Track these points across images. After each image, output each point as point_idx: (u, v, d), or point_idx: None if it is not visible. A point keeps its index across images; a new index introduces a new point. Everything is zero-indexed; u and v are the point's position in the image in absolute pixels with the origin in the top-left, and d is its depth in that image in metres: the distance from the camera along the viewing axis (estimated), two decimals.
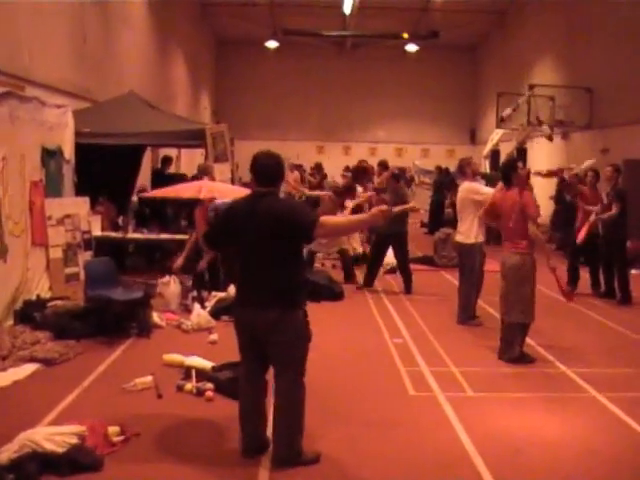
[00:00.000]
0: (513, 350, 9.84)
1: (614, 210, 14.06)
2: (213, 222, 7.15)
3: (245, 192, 7.55)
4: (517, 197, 9.81)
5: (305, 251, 16.51)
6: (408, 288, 15.05)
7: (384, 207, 6.38)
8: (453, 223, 14.62)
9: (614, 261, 14.50)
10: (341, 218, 6.76)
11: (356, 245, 18.39)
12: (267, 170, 6.57)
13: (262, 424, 6.78)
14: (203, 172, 13.28)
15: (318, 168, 20.10)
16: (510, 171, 10.14)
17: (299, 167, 29.41)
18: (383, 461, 6.66)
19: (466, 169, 12.52)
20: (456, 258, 13.76)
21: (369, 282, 15.39)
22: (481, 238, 12.09)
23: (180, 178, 18.66)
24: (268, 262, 6.39)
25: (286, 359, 6.50)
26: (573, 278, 15.02)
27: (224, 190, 9.15)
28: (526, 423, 7.70)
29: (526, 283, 9.78)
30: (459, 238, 12.32)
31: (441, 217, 26.46)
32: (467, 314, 12.20)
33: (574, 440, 7.27)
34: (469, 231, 12.03)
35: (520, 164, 10.45)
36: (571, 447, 7.08)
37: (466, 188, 12.23)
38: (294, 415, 6.54)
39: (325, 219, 6.34)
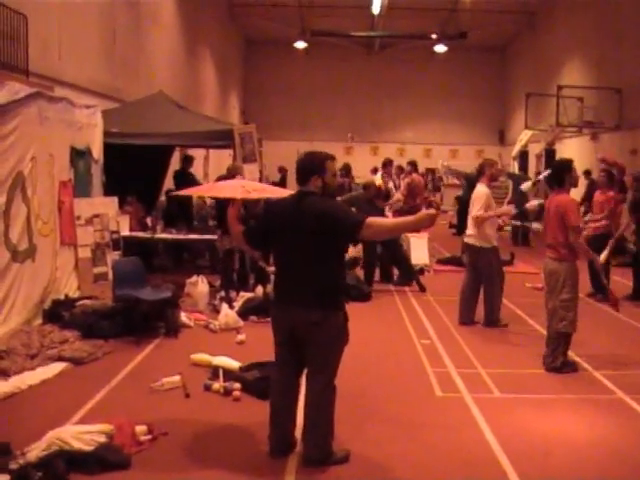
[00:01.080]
0: (556, 359, 9.57)
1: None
2: (256, 220, 7.12)
3: (289, 192, 7.50)
4: (562, 202, 9.46)
5: None
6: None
7: (432, 211, 6.31)
8: None
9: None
10: (388, 220, 6.66)
11: None
12: (300, 168, 6.56)
13: (292, 425, 6.77)
14: (233, 172, 13.30)
15: (346, 170, 19.58)
16: (564, 172, 9.71)
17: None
18: (410, 461, 6.64)
19: (486, 169, 12.27)
20: None
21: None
22: (494, 240, 11.99)
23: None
24: (311, 261, 6.36)
25: (322, 360, 6.49)
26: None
27: (269, 189, 9.06)
28: (552, 424, 7.66)
29: (565, 291, 9.42)
30: (470, 240, 12.13)
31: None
32: (494, 317, 12.08)
33: (601, 442, 7.22)
34: (481, 234, 11.92)
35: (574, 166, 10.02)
36: (598, 449, 7.04)
37: (477, 191, 12.11)
38: (325, 416, 6.54)
39: (371, 220, 6.23)
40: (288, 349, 6.63)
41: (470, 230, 12.12)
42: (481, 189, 12.02)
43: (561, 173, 9.76)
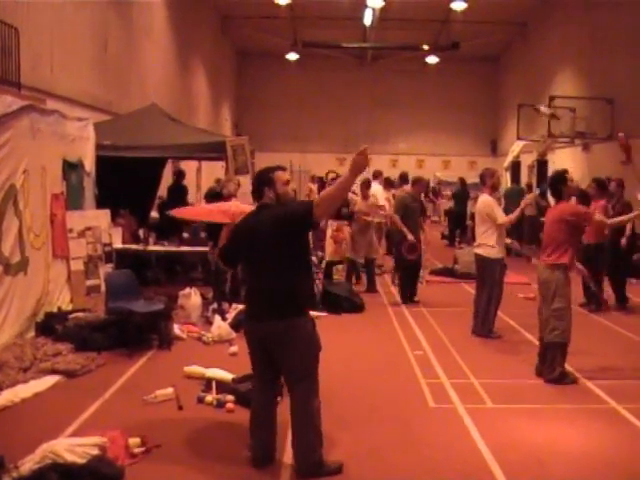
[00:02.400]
0: (553, 370, 9.52)
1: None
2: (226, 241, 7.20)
3: None
4: (565, 209, 9.58)
5: (324, 263, 16.61)
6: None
7: (361, 149, 6.25)
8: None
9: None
10: (328, 188, 6.67)
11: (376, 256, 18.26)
12: (253, 184, 6.85)
13: (272, 436, 6.80)
14: (222, 186, 13.31)
15: (367, 186, 18.38)
16: (559, 184, 9.79)
17: (320, 179, 29.51)
18: (403, 472, 6.64)
19: (487, 180, 12.27)
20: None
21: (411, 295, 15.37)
22: (502, 252, 12.03)
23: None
24: (275, 269, 6.44)
25: (298, 370, 6.51)
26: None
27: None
28: (546, 434, 7.67)
29: (557, 300, 9.44)
30: (479, 251, 12.16)
31: (462, 228, 26.45)
32: (486, 328, 12.10)
33: (594, 452, 7.23)
34: (488, 244, 11.96)
35: (570, 177, 10.07)
36: (591, 459, 7.04)
37: (483, 201, 12.11)
38: (311, 426, 6.53)
39: (317, 197, 6.39)
40: (263, 362, 6.70)
41: (479, 240, 12.17)
42: (486, 199, 12.06)
43: (557, 185, 9.83)
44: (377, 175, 21.19)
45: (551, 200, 10.81)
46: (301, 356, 6.47)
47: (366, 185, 16.98)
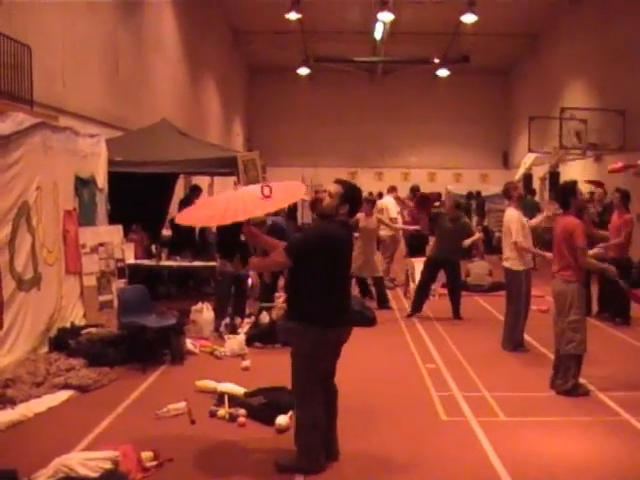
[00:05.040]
0: (566, 382, 9.48)
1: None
2: (303, 237, 7.25)
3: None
4: (568, 224, 9.44)
5: None
6: (456, 312, 15.08)
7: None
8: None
9: None
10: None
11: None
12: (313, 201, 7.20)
13: (330, 434, 7.12)
14: None
15: (370, 204, 17.95)
16: (569, 195, 9.69)
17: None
18: None
19: (512, 192, 12.29)
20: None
21: (418, 308, 15.34)
22: (526, 264, 12.03)
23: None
24: (348, 281, 7.39)
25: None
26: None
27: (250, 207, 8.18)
28: (559, 447, 7.65)
29: (572, 312, 9.41)
30: (507, 264, 12.10)
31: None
32: (513, 343, 12.04)
33: (608, 464, 7.21)
34: (515, 257, 11.92)
35: (580, 189, 10.04)
36: (604, 471, 7.03)
37: (509, 214, 12.10)
38: (298, 433, 6.93)
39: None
40: (330, 369, 7.18)
41: (506, 254, 12.14)
42: (513, 213, 12.04)
43: (565, 196, 9.74)
44: (391, 190, 21.26)
45: None
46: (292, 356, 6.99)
47: (367, 202, 16.70)
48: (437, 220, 15.42)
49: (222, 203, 7.67)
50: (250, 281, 14.22)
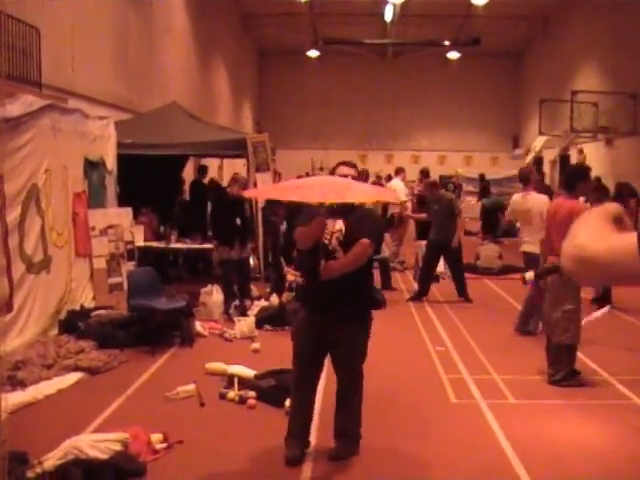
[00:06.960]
0: (557, 372, 9.22)
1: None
2: (379, 225, 7.31)
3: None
4: (575, 209, 8.67)
5: None
6: (460, 291, 15.05)
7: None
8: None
9: None
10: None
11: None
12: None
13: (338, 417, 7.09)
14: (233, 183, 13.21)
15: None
16: (577, 179, 9.40)
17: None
18: (424, 467, 6.67)
19: (530, 176, 12.19)
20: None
21: (425, 292, 15.26)
22: None
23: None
24: None
25: None
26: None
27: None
28: (568, 430, 7.66)
29: (567, 300, 9.11)
30: (527, 248, 11.91)
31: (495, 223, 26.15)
32: (527, 327, 11.86)
33: (616, 448, 7.22)
34: (534, 242, 11.48)
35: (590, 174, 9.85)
36: (613, 455, 7.04)
37: (540, 198, 11.92)
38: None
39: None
40: None
41: (526, 238, 11.99)
42: (538, 197, 11.96)
43: (574, 179, 9.43)
44: (399, 171, 21.17)
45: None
46: None
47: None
48: (427, 204, 15.46)
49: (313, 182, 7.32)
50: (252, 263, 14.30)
